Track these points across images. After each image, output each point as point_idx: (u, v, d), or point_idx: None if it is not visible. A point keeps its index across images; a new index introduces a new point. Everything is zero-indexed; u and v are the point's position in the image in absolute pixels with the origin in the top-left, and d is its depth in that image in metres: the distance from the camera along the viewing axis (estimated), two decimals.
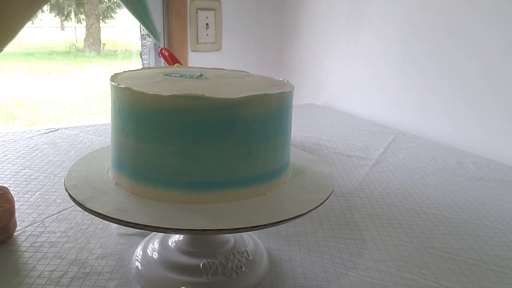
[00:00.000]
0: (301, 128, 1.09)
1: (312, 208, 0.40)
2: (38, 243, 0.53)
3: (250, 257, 0.48)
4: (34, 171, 0.75)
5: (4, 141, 0.90)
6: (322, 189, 0.45)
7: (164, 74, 0.49)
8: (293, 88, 0.46)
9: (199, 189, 0.40)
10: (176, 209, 0.40)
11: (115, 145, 0.45)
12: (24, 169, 0.76)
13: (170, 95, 0.38)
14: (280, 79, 0.49)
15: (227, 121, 0.39)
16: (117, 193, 0.42)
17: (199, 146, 0.39)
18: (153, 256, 0.48)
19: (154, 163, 0.40)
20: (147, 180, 0.41)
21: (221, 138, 0.39)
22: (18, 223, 0.58)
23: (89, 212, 0.39)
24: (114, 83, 0.42)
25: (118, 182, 0.44)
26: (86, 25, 4.09)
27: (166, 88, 0.41)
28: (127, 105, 0.41)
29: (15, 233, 0.55)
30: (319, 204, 0.41)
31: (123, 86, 0.41)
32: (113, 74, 0.47)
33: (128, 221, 0.37)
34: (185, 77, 0.48)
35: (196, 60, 1.48)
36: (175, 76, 0.48)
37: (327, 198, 0.43)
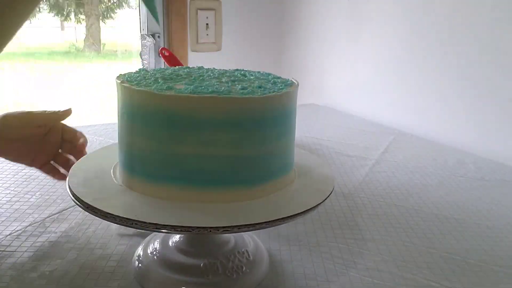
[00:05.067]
0: (301, 128, 1.08)
1: (308, 208, 0.40)
2: (38, 243, 0.53)
3: (251, 257, 0.48)
4: (34, 171, 0.74)
5: None
6: (321, 191, 0.45)
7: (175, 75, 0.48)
8: (297, 88, 0.46)
9: (200, 187, 0.40)
10: (176, 208, 0.40)
11: (119, 143, 0.45)
12: (24, 169, 0.76)
13: (159, 94, 0.38)
14: (290, 78, 0.48)
15: (225, 120, 0.39)
16: (117, 191, 0.43)
17: (197, 146, 0.39)
18: (154, 257, 0.48)
19: (153, 160, 0.41)
20: (146, 177, 0.41)
21: (219, 138, 0.39)
22: (18, 223, 0.58)
23: (89, 212, 0.39)
24: (123, 83, 0.42)
25: (121, 180, 0.44)
26: (86, 25, 4.09)
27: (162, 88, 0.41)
28: (129, 104, 0.42)
29: (15, 233, 0.55)
30: (316, 205, 0.41)
31: (126, 85, 0.41)
32: (119, 74, 0.47)
33: (127, 217, 0.37)
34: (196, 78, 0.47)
35: (196, 60, 1.48)
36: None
37: (325, 199, 0.43)
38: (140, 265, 0.47)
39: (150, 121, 0.40)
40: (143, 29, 1.46)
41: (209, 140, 0.39)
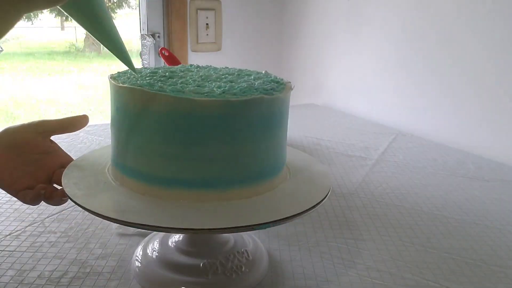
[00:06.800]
0: (301, 128, 1.09)
1: (308, 208, 0.40)
2: (38, 243, 0.53)
3: (250, 257, 0.48)
4: None
5: None
6: (319, 189, 0.45)
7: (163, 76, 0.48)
8: (291, 89, 0.46)
9: (199, 187, 0.40)
10: (175, 208, 0.40)
11: (113, 143, 0.45)
12: None
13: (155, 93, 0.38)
14: (281, 78, 0.48)
15: (221, 121, 0.39)
16: (116, 191, 0.42)
17: (193, 146, 0.39)
18: (153, 256, 0.48)
19: (150, 161, 0.41)
20: (145, 179, 0.41)
21: (214, 138, 0.39)
22: (18, 223, 0.58)
23: (87, 211, 0.39)
24: (113, 82, 0.42)
25: (117, 180, 0.44)
26: None
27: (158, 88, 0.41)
28: (126, 104, 0.41)
29: (14, 233, 0.55)
30: (316, 203, 0.41)
31: (121, 84, 0.41)
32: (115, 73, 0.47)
33: (127, 220, 0.37)
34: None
35: (196, 60, 1.48)
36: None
37: (325, 198, 0.43)
38: (139, 265, 0.47)
39: (147, 121, 0.40)
40: (143, 29, 1.46)
41: (209, 141, 0.39)
